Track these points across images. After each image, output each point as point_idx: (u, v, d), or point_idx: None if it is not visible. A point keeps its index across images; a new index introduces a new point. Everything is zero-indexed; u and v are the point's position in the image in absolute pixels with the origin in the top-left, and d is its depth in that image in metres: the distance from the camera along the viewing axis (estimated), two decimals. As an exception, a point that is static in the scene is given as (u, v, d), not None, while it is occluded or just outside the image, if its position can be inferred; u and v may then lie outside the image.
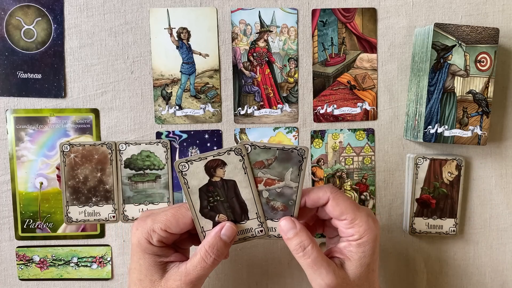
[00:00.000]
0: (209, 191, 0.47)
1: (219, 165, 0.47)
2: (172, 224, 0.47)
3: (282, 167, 0.47)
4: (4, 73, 0.58)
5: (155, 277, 0.48)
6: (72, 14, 0.59)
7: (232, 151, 0.46)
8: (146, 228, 0.48)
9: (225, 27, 0.60)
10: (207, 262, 0.47)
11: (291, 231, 0.47)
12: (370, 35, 0.61)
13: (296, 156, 0.47)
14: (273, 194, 0.48)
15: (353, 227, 0.47)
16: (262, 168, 0.47)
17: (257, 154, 0.46)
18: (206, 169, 0.47)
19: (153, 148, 0.60)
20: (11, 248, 0.60)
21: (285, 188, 0.47)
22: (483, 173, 0.63)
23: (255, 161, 0.46)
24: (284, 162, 0.47)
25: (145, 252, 0.48)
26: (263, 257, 0.62)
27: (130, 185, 0.60)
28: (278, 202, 0.48)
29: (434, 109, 0.56)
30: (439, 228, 0.61)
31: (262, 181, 0.47)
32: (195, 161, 0.46)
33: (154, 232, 0.47)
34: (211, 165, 0.46)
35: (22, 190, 0.60)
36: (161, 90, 0.60)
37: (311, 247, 0.47)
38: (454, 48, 0.56)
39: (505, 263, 0.64)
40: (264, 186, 0.47)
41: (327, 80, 0.61)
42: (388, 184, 0.62)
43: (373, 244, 0.48)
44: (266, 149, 0.46)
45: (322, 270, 0.46)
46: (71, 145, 0.58)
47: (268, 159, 0.47)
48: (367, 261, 0.47)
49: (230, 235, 0.48)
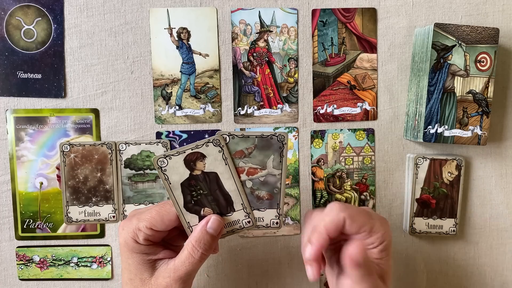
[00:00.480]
0: (191, 185, 0.47)
1: (198, 158, 0.46)
2: (157, 221, 0.47)
3: (263, 155, 0.46)
4: (4, 73, 0.58)
5: (145, 275, 0.48)
6: (72, 14, 0.59)
7: (210, 142, 0.45)
8: (132, 227, 0.47)
9: (225, 27, 0.60)
10: (195, 257, 0.47)
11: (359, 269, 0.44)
12: (370, 35, 0.61)
13: (276, 143, 0.46)
14: (257, 183, 0.47)
15: (371, 236, 0.46)
16: (243, 157, 0.46)
17: (236, 144, 0.46)
18: (185, 163, 0.46)
19: (153, 148, 0.60)
20: (11, 248, 0.60)
21: (269, 176, 0.47)
22: (483, 173, 0.63)
23: (235, 151, 0.46)
24: (264, 149, 0.46)
25: (133, 251, 0.48)
26: (263, 257, 0.62)
27: (130, 185, 0.60)
28: (263, 191, 0.47)
29: (434, 109, 0.56)
30: (439, 228, 0.61)
31: (244, 171, 0.46)
32: (174, 156, 0.46)
33: (139, 230, 0.47)
34: (190, 158, 0.46)
35: (22, 190, 0.60)
36: (161, 90, 0.60)
37: (374, 278, 0.45)
38: (454, 48, 0.56)
39: (505, 263, 0.64)
40: (247, 176, 0.47)
41: (327, 80, 0.61)
42: (388, 184, 0.62)
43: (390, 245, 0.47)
44: (244, 138, 0.46)
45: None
46: (71, 145, 0.58)
47: (248, 147, 0.46)
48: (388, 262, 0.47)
49: (217, 228, 0.47)
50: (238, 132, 0.45)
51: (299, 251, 0.62)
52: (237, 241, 0.62)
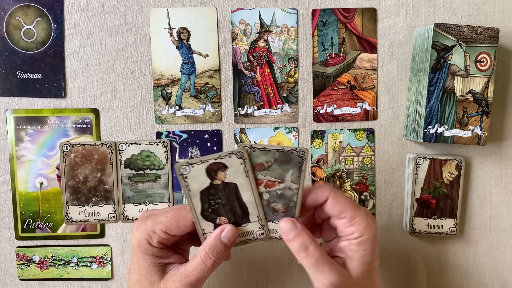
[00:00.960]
0: (210, 194, 0.47)
1: (220, 168, 0.46)
2: (173, 225, 0.47)
3: (282, 168, 0.47)
4: (4, 73, 0.58)
5: (154, 278, 0.48)
6: (72, 14, 0.59)
7: (233, 154, 0.46)
8: (147, 229, 0.47)
9: (225, 27, 0.60)
10: (207, 264, 0.47)
11: (292, 232, 0.47)
12: (370, 35, 0.61)
13: (296, 158, 0.46)
14: (274, 196, 0.47)
15: (353, 225, 0.47)
16: (262, 170, 0.47)
17: (257, 156, 0.46)
18: (207, 172, 0.46)
19: (153, 148, 0.60)
20: (11, 248, 0.60)
21: (286, 190, 0.47)
22: (483, 173, 0.63)
23: (255, 163, 0.46)
24: (284, 163, 0.46)
25: (145, 253, 0.48)
26: (263, 257, 0.62)
27: (130, 185, 0.60)
28: (279, 204, 0.48)
29: (434, 109, 0.56)
30: (439, 228, 0.61)
31: (263, 183, 0.47)
32: (196, 164, 0.46)
33: (154, 233, 0.47)
34: (213, 168, 0.46)
35: (22, 190, 0.60)
36: (161, 90, 0.60)
37: (313, 247, 0.46)
38: (454, 48, 0.56)
39: (505, 263, 0.64)
40: (264, 188, 0.47)
41: (327, 80, 0.61)
42: (388, 184, 0.62)
43: (373, 242, 0.47)
44: (265, 151, 0.46)
45: (325, 269, 0.46)
46: (71, 145, 0.58)
47: (268, 161, 0.46)
48: (368, 259, 0.47)
49: (231, 238, 0.48)
50: (260, 145, 0.46)
51: (299, 251, 0.62)
52: (237, 241, 0.62)
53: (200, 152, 0.60)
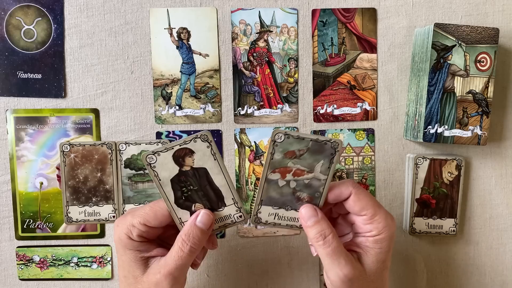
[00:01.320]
0: (181, 181, 0.47)
1: (187, 154, 0.46)
2: (151, 217, 0.47)
3: (313, 158, 0.46)
4: (4, 73, 0.58)
5: (137, 272, 0.48)
6: (72, 14, 0.59)
7: (198, 138, 0.46)
8: (126, 224, 0.48)
9: (225, 27, 0.60)
10: (184, 251, 0.47)
11: (312, 218, 0.47)
12: (370, 35, 0.61)
13: (329, 149, 0.46)
14: (301, 185, 0.47)
15: (372, 223, 0.47)
16: (293, 158, 0.46)
17: (290, 144, 0.46)
18: (174, 159, 0.46)
19: (153, 148, 0.59)
20: (11, 248, 0.60)
21: (314, 180, 0.47)
22: (483, 173, 0.63)
23: (287, 150, 0.46)
24: (315, 154, 0.46)
25: (126, 248, 0.48)
26: (263, 257, 0.62)
27: (130, 185, 0.60)
28: (304, 193, 0.47)
29: (434, 109, 0.56)
30: (439, 228, 0.61)
31: (292, 171, 0.47)
32: (162, 152, 0.46)
33: (133, 227, 0.47)
34: (179, 154, 0.46)
35: (22, 190, 0.60)
36: (161, 90, 0.60)
37: (331, 236, 0.46)
38: (454, 48, 0.56)
39: (505, 263, 0.64)
40: (292, 176, 0.47)
41: (327, 80, 0.61)
42: (388, 184, 0.62)
43: (390, 242, 0.48)
44: (299, 139, 0.45)
45: (341, 260, 0.46)
46: (71, 145, 0.58)
47: (300, 149, 0.46)
48: (383, 258, 0.48)
49: (206, 222, 0.47)
50: (294, 133, 0.46)
51: (299, 251, 0.62)
52: (237, 241, 0.62)
53: (200, 152, 0.60)
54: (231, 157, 0.61)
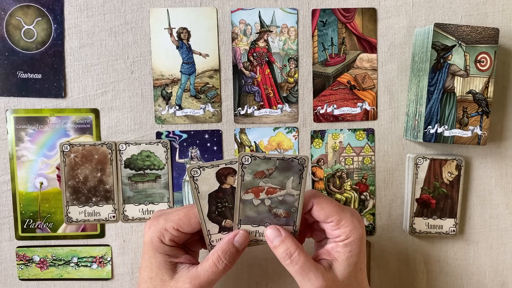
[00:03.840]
0: (218, 197, 0.48)
1: (230, 173, 0.47)
2: (185, 223, 0.48)
3: (283, 176, 0.47)
4: (4, 73, 0.58)
5: (166, 276, 0.48)
6: (72, 14, 0.59)
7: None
8: (159, 227, 0.48)
9: (225, 27, 0.60)
10: (219, 267, 0.47)
11: (277, 239, 0.48)
12: (370, 35, 0.61)
13: (297, 165, 0.47)
14: (275, 202, 0.48)
15: (339, 228, 0.48)
16: (263, 177, 0.47)
17: (257, 165, 0.47)
18: (217, 176, 0.47)
19: (153, 148, 0.60)
20: (11, 248, 0.60)
21: (287, 196, 0.48)
22: (483, 173, 0.63)
23: (255, 171, 0.47)
24: (284, 171, 0.47)
25: (157, 251, 0.48)
26: (263, 257, 0.62)
27: (130, 185, 0.60)
28: (281, 209, 0.48)
29: (434, 109, 0.56)
30: (439, 228, 0.61)
31: (264, 190, 0.48)
32: (207, 168, 0.47)
33: (166, 231, 0.48)
34: (223, 172, 0.47)
35: (22, 190, 0.60)
36: (161, 90, 0.60)
37: (297, 253, 0.47)
38: (454, 48, 0.56)
39: (505, 263, 0.64)
40: (266, 195, 0.48)
41: (327, 80, 0.61)
42: (388, 184, 0.62)
43: (359, 243, 0.48)
44: (266, 159, 0.47)
45: (311, 275, 0.47)
46: (71, 145, 0.58)
47: (268, 169, 0.47)
48: (354, 260, 0.48)
49: (243, 243, 0.48)
50: (260, 154, 0.47)
51: (299, 251, 0.62)
52: (237, 241, 0.62)
53: (200, 152, 0.60)
54: (231, 157, 0.61)
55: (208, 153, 0.60)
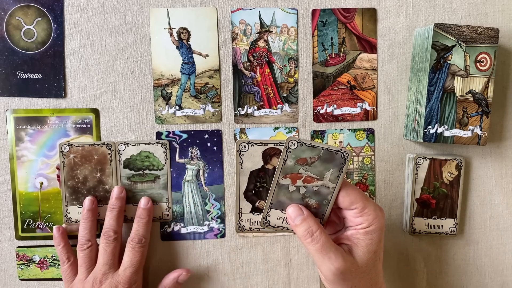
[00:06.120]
0: (259, 176, 0.49)
1: (276, 154, 0.48)
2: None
3: (323, 166, 0.48)
4: (4, 73, 0.58)
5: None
6: (72, 14, 0.59)
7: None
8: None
9: (225, 27, 0.60)
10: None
11: (299, 217, 0.48)
12: (370, 35, 0.61)
13: (339, 159, 0.48)
14: (310, 192, 0.49)
15: (362, 216, 0.48)
16: (304, 165, 0.48)
17: (302, 151, 0.47)
18: (263, 155, 0.48)
19: (152, 148, 0.60)
20: (11, 248, 0.60)
21: (322, 188, 0.49)
22: (483, 173, 0.63)
23: (298, 157, 0.47)
24: (326, 162, 0.48)
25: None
26: (263, 257, 0.62)
27: (129, 185, 0.60)
28: (313, 200, 0.49)
29: (434, 109, 0.56)
30: (439, 228, 0.61)
31: (302, 177, 0.48)
32: (256, 145, 0.48)
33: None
34: (269, 152, 0.48)
35: (22, 190, 0.60)
36: (161, 90, 0.60)
37: (319, 232, 0.48)
38: (454, 48, 0.56)
39: (505, 263, 0.64)
40: (302, 183, 0.48)
41: (327, 80, 0.61)
42: (388, 184, 0.62)
43: (380, 233, 0.49)
44: (311, 147, 0.47)
45: (331, 255, 0.47)
46: (71, 146, 0.58)
47: (311, 157, 0.48)
48: (374, 248, 0.49)
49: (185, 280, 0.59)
50: (307, 141, 0.47)
51: (299, 251, 0.62)
52: (237, 241, 0.62)
53: (200, 152, 0.60)
54: (231, 157, 0.61)
55: (208, 153, 0.60)
